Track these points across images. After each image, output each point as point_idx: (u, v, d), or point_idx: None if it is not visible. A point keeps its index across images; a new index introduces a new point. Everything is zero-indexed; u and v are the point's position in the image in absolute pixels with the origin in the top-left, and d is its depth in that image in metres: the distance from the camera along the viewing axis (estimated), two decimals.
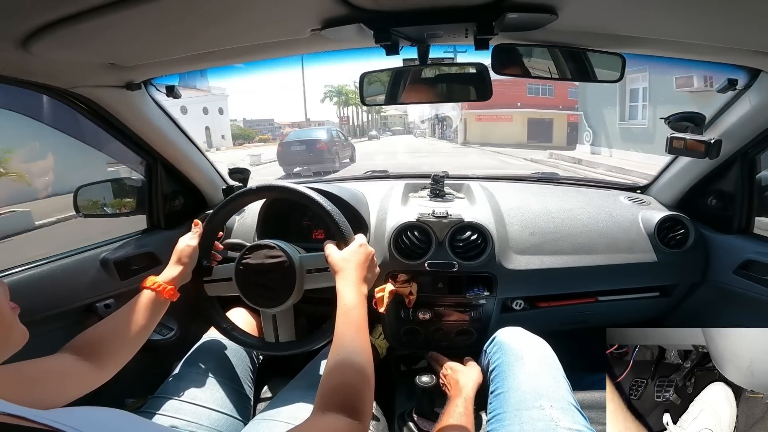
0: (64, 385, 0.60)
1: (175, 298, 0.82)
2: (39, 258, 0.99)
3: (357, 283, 0.76)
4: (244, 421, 0.86)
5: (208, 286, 0.92)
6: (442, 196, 1.29)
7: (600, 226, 1.20)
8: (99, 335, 0.70)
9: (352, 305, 0.72)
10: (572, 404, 0.74)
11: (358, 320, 0.70)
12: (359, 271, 0.78)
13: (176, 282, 0.83)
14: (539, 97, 17.73)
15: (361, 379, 0.61)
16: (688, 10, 0.64)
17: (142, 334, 0.75)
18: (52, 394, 0.57)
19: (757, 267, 1.03)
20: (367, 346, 0.66)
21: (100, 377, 0.67)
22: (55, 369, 0.61)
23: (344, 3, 0.63)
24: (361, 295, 0.75)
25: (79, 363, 0.64)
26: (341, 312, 0.71)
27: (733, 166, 1.10)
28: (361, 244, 0.83)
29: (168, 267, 0.85)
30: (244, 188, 0.94)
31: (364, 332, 0.69)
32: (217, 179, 1.37)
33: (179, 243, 0.88)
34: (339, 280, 0.77)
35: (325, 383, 0.61)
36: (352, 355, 0.63)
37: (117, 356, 0.70)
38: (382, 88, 0.90)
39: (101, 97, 0.96)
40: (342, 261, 0.80)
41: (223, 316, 0.95)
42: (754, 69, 0.89)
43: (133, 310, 0.76)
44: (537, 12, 0.65)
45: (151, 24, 0.64)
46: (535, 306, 1.19)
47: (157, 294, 0.79)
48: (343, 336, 0.67)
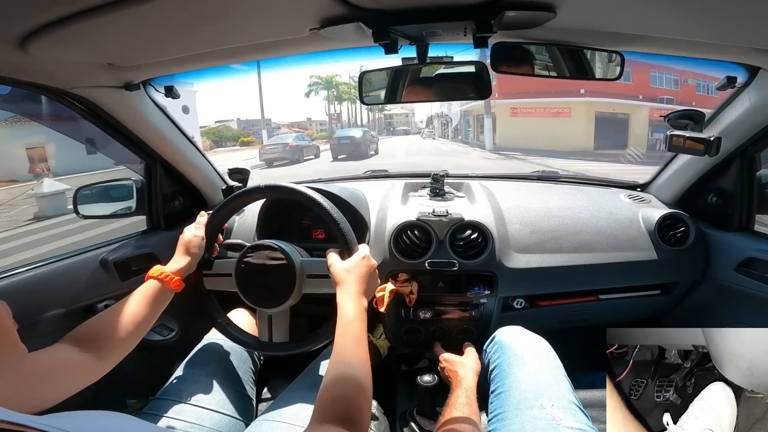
0: (63, 379, 0.59)
1: (181, 288, 0.81)
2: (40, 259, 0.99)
3: (357, 297, 0.76)
4: (246, 422, 0.86)
5: (207, 280, 0.92)
6: (442, 195, 1.29)
7: (600, 224, 1.19)
8: (100, 326, 0.69)
9: (351, 318, 0.72)
10: (573, 403, 0.74)
11: (358, 333, 0.70)
12: (360, 285, 0.78)
13: (182, 273, 0.82)
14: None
15: (360, 392, 0.62)
16: (687, 7, 0.64)
17: (144, 325, 0.75)
18: (51, 388, 0.57)
19: (757, 264, 1.03)
20: (365, 360, 0.67)
21: (99, 369, 0.66)
22: (54, 361, 0.60)
23: (343, 2, 0.63)
24: (361, 309, 0.75)
25: (79, 354, 0.64)
26: (341, 324, 0.71)
27: (733, 163, 1.09)
28: (364, 257, 0.83)
29: (175, 257, 0.84)
30: (252, 186, 0.94)
31: (364, 345, 0.69)
32: (217, 179, 1.37)
33: (186, 233, 0.87)
34: (339, 292, 0.77)
35: (324, 395, 0.61)
36: (350, 369, 0.64)
37: (118, 347, 0.70)
38: (381, 87, 0.90)
39: (100, 98, 0.96)
40: (344, 273, 0.79)
41: (220, 311, 0.95)
42: (754, 66, 0.89)
43: (137, 300, 0.75)
44: (535, 10, 0.65)
45: (149, 24, 0.64)
46: (535, 305, 1.19)
47: (163, 284, 0.78)
48: (343, 349, 0.68)
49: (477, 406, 0.85)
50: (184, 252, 0.85)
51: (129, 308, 0.73)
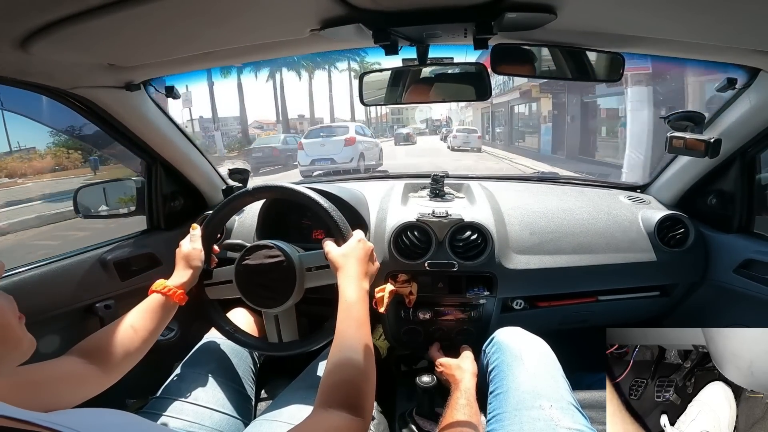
0: (70, 389, 0.60)
1: (184, 302, 0.82)
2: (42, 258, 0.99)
3: (358, 279, 0.76)
4: (246, 421, 0.86)
5: (209, 290, 0.93)
6: (442, 195, 1.29)
7: (600, 225, 1.20)
8: (106, 339, 0.70)
9: (353, 301, 0.72)
10: (572, 404, 0.74)
11: (360, 316, 0.70)
12: (360, 266, 0.78)
13: (186, 287, 0.83)
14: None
15: (363, 376, 0.62)
16: (687, 9, 0.64)
17: (150, 338, 0.76)
18: (57, 397, 0.57)
19: (757, 266, 1.03)
20: (368, 342, 0.67)
21: (105, 381, 0.67)
22: (62, 373, 0.61)
23: (343, 3, 0.63)
24: (362, 291, 0.75)
25: (86, 366, 0.64)
26: (343, 308, 0.71)
27: (733, 165, 1.09)
28: (360, 240, 0.83)
29: (177, 272, 0.85)
30: (241, 190, 0.94)
31: (366, 328, 0.69)
32: (217, 179, 1.37)
33: (183, 247, 0.88)
34: (340, 277, 0.77)
35: (326, 380, 0.61)
36: (353, 352, 0.64)
37: (124, 361, 0.70)
38: (382, 88, 0.90)
39: (100, 98, 0.96)
40: (342, 257, 0.80)
41: (225, 318, 0.95)
42: (754, 68, 0.89)
43: (141, 314, 0.76)
44: (536, 12, 0.65)
45: (150, 25, 0.64)
46: (535, 306, 1.19)
47: (167, 298, 0.79)
48: (345, 332, 0.68)
49: (477, 408, 0.85)
50: (185, 266, 0.85)
51: (134, 322, 0.74)
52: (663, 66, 7.04)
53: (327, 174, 5.17)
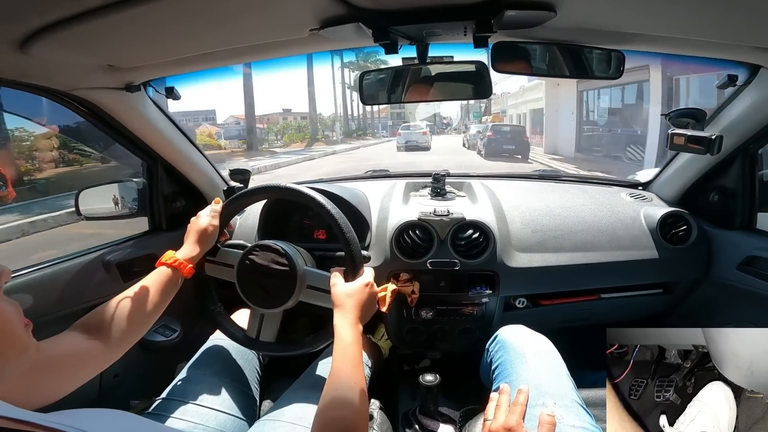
0: (70, 368, 0.59)
1: (191, 275, 0.82)
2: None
3: (354, 322, 0.76)
4: (250, 422, 0.86)
5: (209, 266, 0.92)
6: (443, 194, 1.29)
7: (602, 223, 1.19)
8: (110, 312, 0.68)
9: (349, 342, 0.72)
10: (576, 402, 0.74)
11: (355, 357, 0.71)
12: (357, 311, 0.78)
13: (194, 261, 0.83)
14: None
15: (357, 414, 0.64)
16: (688, 6, 0.64)
17: (155, 312, 0.75)
18: (58, 378, 0.56)
19: (760, 263, 1.03)
20: (362, 382, 0.68)
21: (107, 357, 0.66)
22: (61, 351, 0.59)
23: (343, 2, 0.63)
24: (357, 333, 0.75)
25: (87, 342, 0.63)
26: (339, 347, 0.72)
27: (735, 161, 1.09)
28: (367, 284, 0.82)
29: (187, 244, 0.84)
30: (272, 183, 0.93)
31: (360, 369, 0.70)
32: (218, 180, 1.37)
33: (200, 219, 0.87)
34: (337, 315, 0.77)
35: (323, 415, 0.63)
36: (349, 391, 0.65)
37: (127, 335, 0.69)
38: (382, 87, 0.90)
39: (100, 99, 0.96)
40: (344, 296, 0.79)
41: (215, 299, 0.94)
42: (754, 65, 0.89)
43: (148, 286, 0.75)
44: (535, 9, 0.65)
45: (150, 26, 0.64)
46: (537, 304, 1.19)
47: (175, 271, 0.78)
48: (341, 370, 0.69)
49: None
50: (196, 240, 0.84)
51: (140, 295, 0.73)
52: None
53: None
